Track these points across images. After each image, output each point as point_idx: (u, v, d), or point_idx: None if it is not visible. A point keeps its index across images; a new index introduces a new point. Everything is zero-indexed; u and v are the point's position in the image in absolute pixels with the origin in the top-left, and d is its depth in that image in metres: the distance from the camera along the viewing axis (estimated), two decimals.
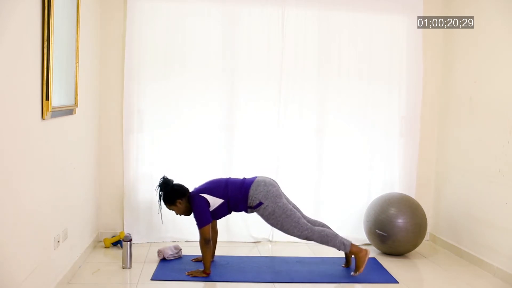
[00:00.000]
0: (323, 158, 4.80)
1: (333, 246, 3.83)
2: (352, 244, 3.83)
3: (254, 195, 3.78)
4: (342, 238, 3.84)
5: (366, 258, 3.80)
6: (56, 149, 3.32)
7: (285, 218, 3.77)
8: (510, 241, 3.87)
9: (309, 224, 3.84)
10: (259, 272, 3.95)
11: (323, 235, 3.80)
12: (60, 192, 3.42)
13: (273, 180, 3.95)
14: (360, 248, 3.84)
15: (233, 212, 3.98)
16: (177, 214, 3.93)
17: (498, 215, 4.01)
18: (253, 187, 3.80)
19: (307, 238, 3.82)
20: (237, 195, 3.81)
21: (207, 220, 3.77)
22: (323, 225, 4.03)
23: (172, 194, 3.84)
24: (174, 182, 3.89)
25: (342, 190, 4.81)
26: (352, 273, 3.85)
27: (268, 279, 3.80)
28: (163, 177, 3.88)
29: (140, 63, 4.54)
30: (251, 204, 3.80)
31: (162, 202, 3.89)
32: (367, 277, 3.88)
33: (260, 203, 3.77)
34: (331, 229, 3.94)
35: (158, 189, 3.86)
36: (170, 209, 3.91)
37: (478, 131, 4.33)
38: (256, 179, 3.88)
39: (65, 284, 3.50)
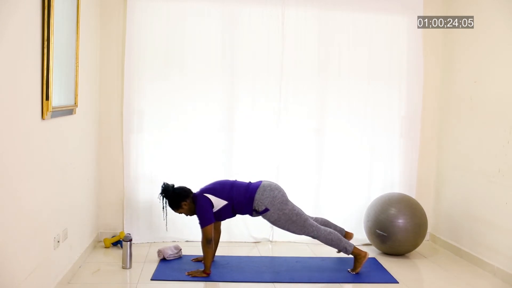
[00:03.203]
0: (323, 158, 4.80)
1: (337, 248, 3.94)
2: (354, 248, 3.92)
3: (260, 200, 3.81)
4: (345, 242, 3.91)
5: (364, 260, 3.92)
6: (56, 149, 3.32)
7: (291, 224, 3.85)
8: (510, 241, 3.87)
9: (315, 225, 3.90)
10: (259, 272, 3.95)
11: (328, 239, 3.90)
12: (60, 192, 3.42)
13: (278, 185, 3.97)
14: (360, 250, 3.94)
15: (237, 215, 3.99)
16: (186, 215, 3.95)
17: (498, 215, 4.01)
18: (259, 192, 3.82)
19: (314, 237, 3.94)
20: (241, 198, 3.83)
21: (209, 220, 3.77)
22: (324, 221, 4.14)
23: (176, 197, 3.85)
24: (174, 186, 3.90)
25: (342, 190, 4.81)
26: (348, 269, 3.97)
27: (268, 279, 3.80)
28: (163, 184, 3.89)
29: (140, 63, 4.54)
30: (257, 209, 3.83)
31: (169, 208, 3.92)
32: (367, 277, 3.89)
33: (267, 209, 3.80)
34: (336, 233, 4.00)
35: (161, 197, 3.87)
36: (179, 213, 3.93)
37: (478, 131, 4.33)
38: (262, 183, 3.90)
39: (65, 284, 3.50)
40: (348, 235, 4.22)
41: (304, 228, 3.87)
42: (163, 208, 3.91)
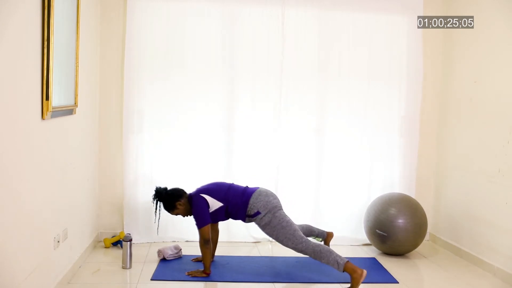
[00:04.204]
0: (323, 158, 4.80)
1: (327, 263, 3.60)
2: (347, 262, 3.55)
3: (253, 204, 3.78)
4: (336, 255, 3.60)
5: (361, 280, 3.51)
6: (56, 149, 3.32)
7: (280, 230, 3.71)
8: (510, 241, 3.87)
9: (305, 237, 3.72)
10: (259, 272, 3.95)
11: (316, 251, 3.63)
12: (60, 192, 3.42)
13: (274, 194, 3.93)
14: (355, 268, 3.53)
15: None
16: (183, 216, 3.94)
17: (498, 215, 4.01)
18: (254, 196, 3.80)
19: (301, 251, 3.70)
20: (237, 201, 3.81)
21: (206, 220, 3.77)
22: (308, 227, 4.09)
23: (169, 199, 3.86)
24: (167, 189, 3.90)
25: (342, 190, 4.81)
26: None
27: (268, 279, 3.80)
28: (155, 188, 3.90)
29: (140, 63, 4.54)
30: (249, 213, 3.80)
31: (163, 212, 3.94)
32: (367, 277, 3.85)
33: (258, 213, 3.76)
34: (326, 246, 3.77)
35: (155, 202, 3.88)
36: (176, 214, 3.93)
37: (478, 131, 4.33)
38: (258, 189, 3.88)
39: (65, 284, 3.50)
40: (329, 235, 4.22)
41: (294, 238, 3.67)
42: (155, 211, 3.92)
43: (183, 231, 4.59)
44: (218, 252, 4.20)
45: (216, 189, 3.86)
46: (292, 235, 3.69)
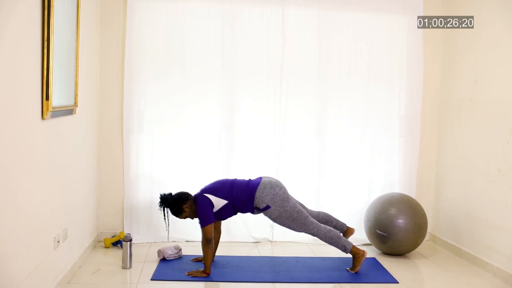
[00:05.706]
0: (323, 158, 4.80)
1: (336, 246, 3.94)
2: (353, 246, 3.94)
3: (260, 198, 3.80)
4: (344, 240, 3.92)
5: (363, 259, 3.95)
6: (56, 149, 3.32)
7: (292, 221, 3.85)
8: (510, 241, 3.87)
9: (315, 222, 3.91)
10: (259, 272, 3.95)
11: (328, 236, 3.91)
12: (60, 192, 3.42)
13: (278, 181, 3.96)
14: (358, 249, 3.96)
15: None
16: (192, 218, 3.95)
17: (498, 215, 4.01)
18: (259, 189, 3.82)
19: (313, 235, 3.94)
20: (242, 196, 3.83)
21: (209, 220, 3.77)
22: (326, 216, 4.14)
23: (176, 203, 3.86)
24: (172, 194, 3.91)
25: (342, 190, 4.81)
26: (347, 268, 4.00)
27: (268, 279, 3.80)
28: (160, 195, 3.91)
29: (140, 63, 4.54)
30: (258, 206, 3.82)
31: (172, 217, 3.95)
32: (367, 277, 3.89)
33: (268, 207, 3.80)
34: (336, 231, 3.99)
35: (162, 208, 3.89)
36: (185, 218, 3.94)
37: (478, 131, 4.33)
38: (262, 180, 3.89)
39: (65, 284, 3.50)
40: (349, 231, 4.19)
41: (305, 226, 3.88)
42: (164, 218, 3.92)
43: (183, 231, 4.59)
44: (218, 252, 4.20)
45: (219, 188, 3.87)
46: (303, 223, 3.87)
